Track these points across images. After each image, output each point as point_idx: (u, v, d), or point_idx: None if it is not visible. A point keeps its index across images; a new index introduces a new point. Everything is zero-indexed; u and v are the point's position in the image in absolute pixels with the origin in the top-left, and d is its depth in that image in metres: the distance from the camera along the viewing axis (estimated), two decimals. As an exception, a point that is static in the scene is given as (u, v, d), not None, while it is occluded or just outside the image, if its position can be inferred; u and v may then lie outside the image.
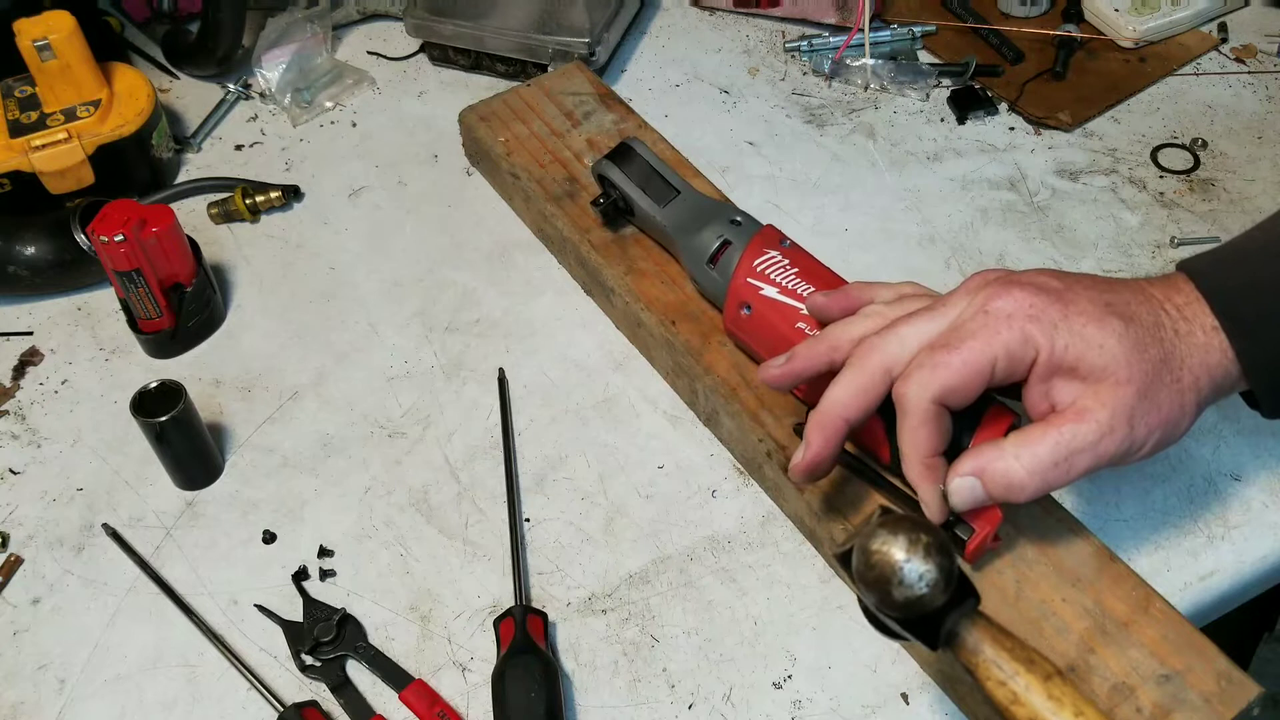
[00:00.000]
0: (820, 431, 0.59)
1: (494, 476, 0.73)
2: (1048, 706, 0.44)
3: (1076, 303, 0.56)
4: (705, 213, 0.76)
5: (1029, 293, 0.56)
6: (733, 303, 0.70)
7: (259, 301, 0.86)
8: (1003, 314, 0.55)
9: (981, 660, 0.46)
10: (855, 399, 0.58)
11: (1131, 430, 0.55)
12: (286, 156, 0.98)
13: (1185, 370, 0.56)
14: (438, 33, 1.02)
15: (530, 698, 0.59)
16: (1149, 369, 0.55)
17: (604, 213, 0.81)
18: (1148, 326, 0.56)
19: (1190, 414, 0.57)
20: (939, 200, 0.91)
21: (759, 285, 0.69)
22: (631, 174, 0.79)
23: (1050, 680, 0.45)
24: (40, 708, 0.64)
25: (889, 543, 0.45)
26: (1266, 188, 0.91)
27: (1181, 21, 1.03)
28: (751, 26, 1.09)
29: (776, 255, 0.70)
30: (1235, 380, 0.58)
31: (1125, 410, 0.54)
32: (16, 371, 0.81)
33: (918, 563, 0.44)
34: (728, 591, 0.67)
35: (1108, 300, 0.56)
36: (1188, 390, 0.56)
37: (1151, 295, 0.58)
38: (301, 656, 0.65)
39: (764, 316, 0.68)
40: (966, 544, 0.59)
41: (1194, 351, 0.56)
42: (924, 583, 0.44)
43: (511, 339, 0.82)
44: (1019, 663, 0.45)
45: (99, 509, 0.73)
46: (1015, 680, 0.45)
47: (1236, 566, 0.67)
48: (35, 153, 0.86)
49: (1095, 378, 0.55)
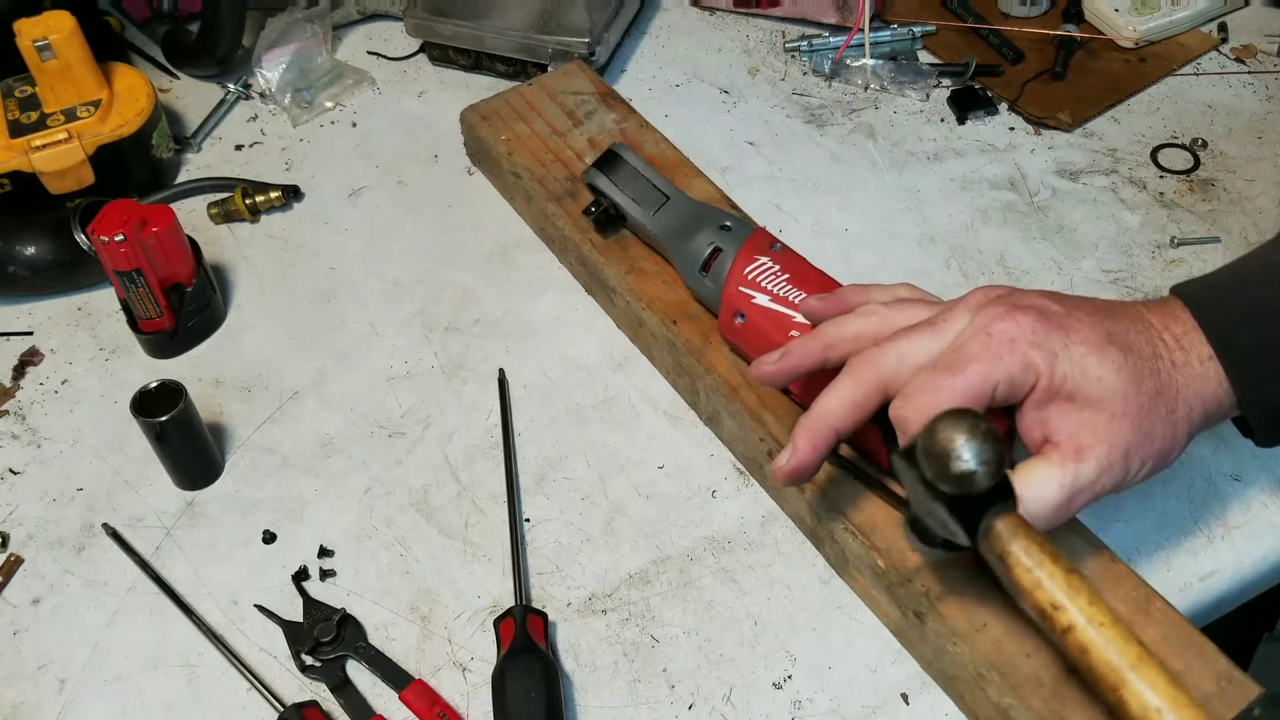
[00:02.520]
0: (808, 439, 0.59)
1: (494, 476, 0.73)
2: (1067, 594, 0.50)
3: (1078, 330, 0.56)
4: (695, 218, 0.75)
5: (1032, 318, 0.56)
6: (726, 311, 0.70)
7: (259, 301, 0.86)
8: (1006, 338, 0.55)
9: (1012, 550, 0.51)
10: (848, 411, 0.58)
11: (1127, 465, 0.56)
12: (286, 156, 0.98)
13: (1180, 401, 0.57)
14: (438, 33, 1.02)
15: (530, 698, 0.59)
16: (1145, 402, 0.55)
17: (596, 221, 0.80)
18: (1145, 358, 0.56)
19: (1181, 443, 0.58)
20: (939, 200, 0.91)
21: (751, 294, 0.69)
22: (620, 181, 0.79)
23: (1071, 574, 0.51)
24: (40, 708, 0.64)
25: (955, 425, 0.50)
26: (1266, 188, 0.91)
27: (1181, 21, 1.03)
28: (751, 26, 1.09)
29: (767, 261, 0.69)
30: (1228, 409, 0.58)
31: (1121, 446, 0.55)
32: (16, 371, 0.81)
33: (977, 443, 0.49)
34: (728, 591, 0.67)
35: (1108, 329, 0.56)
36: (1180, 421, 0.57)
37: (1150, 324, 0.58)
38: (301, 656, 0.65)
39: (758, 325, 0.68)
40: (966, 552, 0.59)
41: (1190, 382, 0.57)
42: (978, 461, 0.49)
43: (511, 339, 0.82)
44: (1045, 555, 0.51)
45: (99, 509, 0.73)
46: (1040, 569, 0.51)
47: (1236, 566, 0.67)
48: (35, 153, 0.86)
49: (1092, 408, 0.55)
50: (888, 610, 0.64)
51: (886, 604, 0.64)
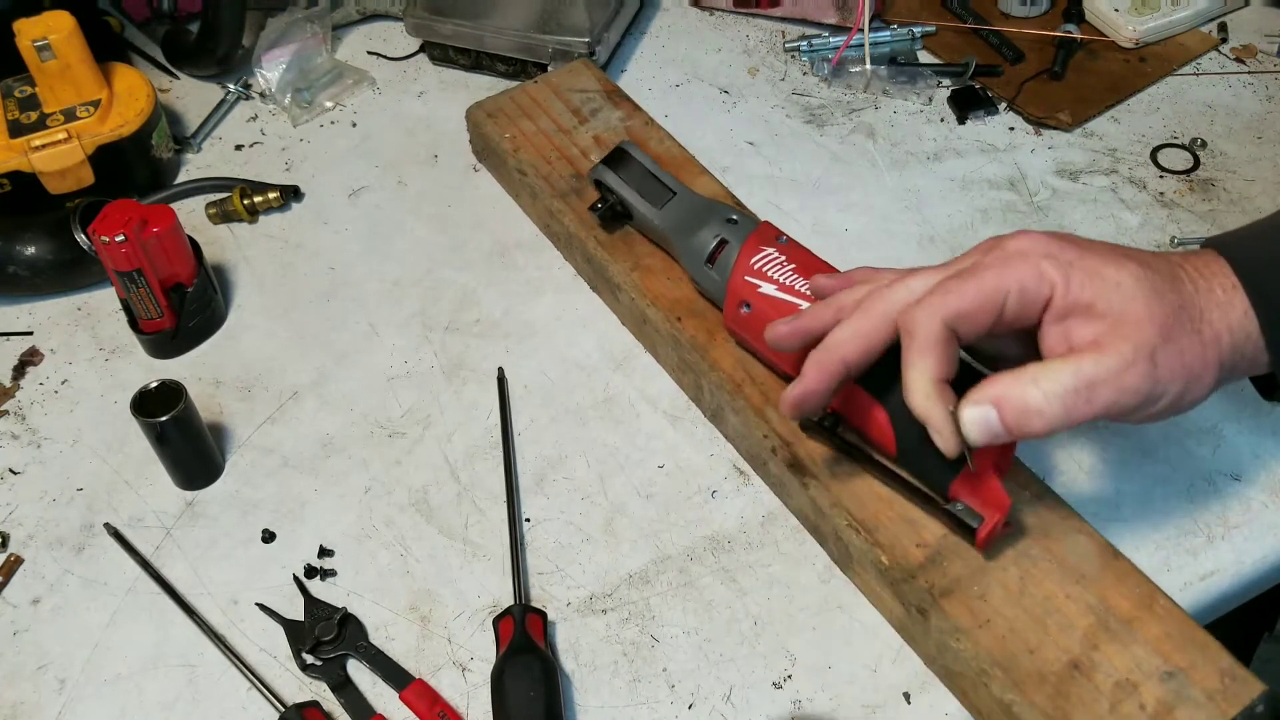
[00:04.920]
0: (817, 369, 0.58)
1: (494, 476, 0.73)
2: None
3: (1093, 248, 0.55)
4: (701, 213, 0.76)
5: (1045, 235, 0.56)
6: (732, 301, 0.70)
7: (259, 301, 0.86)
8: (1018, 251, 0.55)
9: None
10: (856, 340, 0.58)
11: (1154, 368, 0.53)
12: (286, 156, 0.98)
13: (1205, 323, 0.55)
14: (438, 32, 1.02)
15: (530, 697, 0.59)
16: (1168, 311, 0.54)
17: (602, 217, 0.81)
18: (1164, 275, 0.55)
19: (1212, 370, 0.55)
20: (939, 200, 0.91)
21: (757, 283, 0.69)
22: (627, 178, 0.79)
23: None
24: (40, 708, 0.64)
25: None
26: (1266, 188, 0.91)
27: (1181, 21, 1.03)
28: (751, 26, 1.09)
29: (773, 252, 0.70)
30: (1256, 349, 0.56)
31: (1147, 346, 0.53)
32: (16, 371, 0.81)
33: None
34: (728, 591, 0.67)
35: (1124, 250, 0.56)
36: (1209, 344, 0.55)
37: (1170, 255, 0.57)
38: (302, 655, 0.65)
39: (763, 314, 0.68)
40: (977, 533, 0.59)
41: (1214, 306, 0.55)
42: None
43: (511, 339, 0.82)
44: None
45: (99, 509, 0.73)
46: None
47: (1236, 566, 0.67)
48: (35, 153, 0.86)
49: (1114, 317, 0.53)
50: (890, 606, 0.64)
51: (889, 600, 0.63)
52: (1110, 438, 0.73)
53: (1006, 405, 0.53)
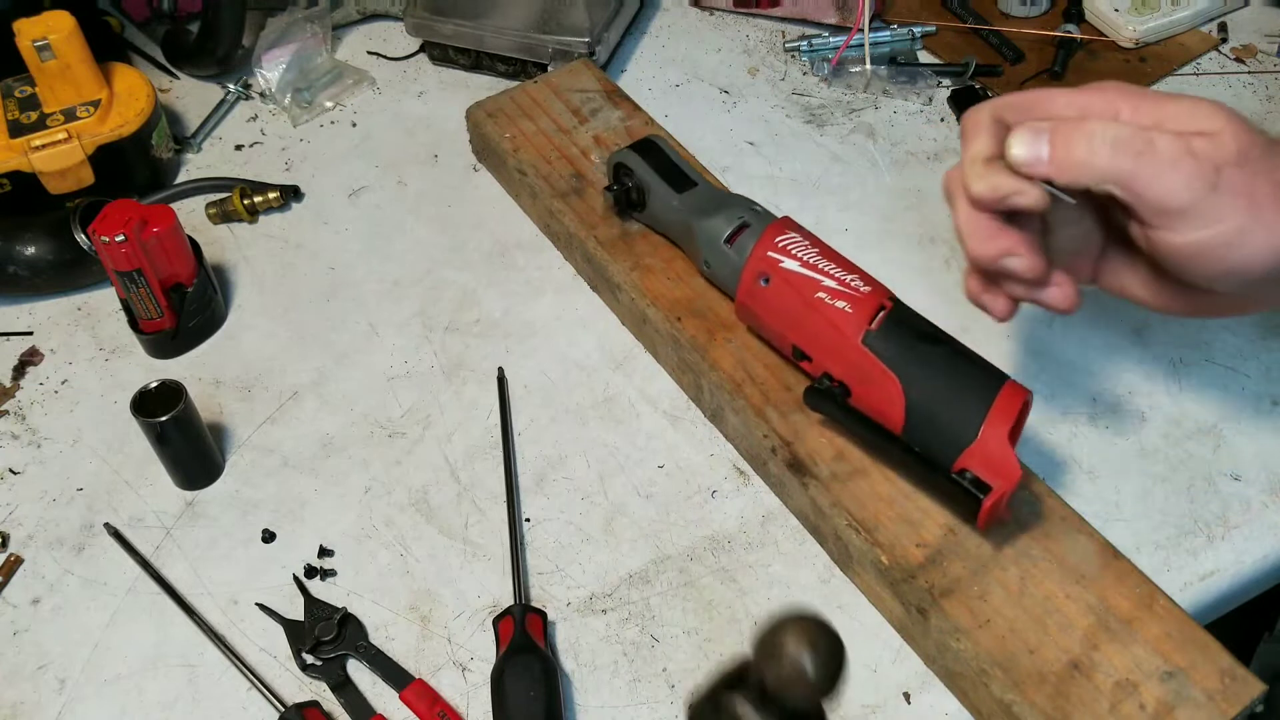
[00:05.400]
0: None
1: (494, 476, 0.73)
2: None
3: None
4: (723, 201, 0.76)
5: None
6: (750, 275, 0.69)
7: (259, 301, 0.86)
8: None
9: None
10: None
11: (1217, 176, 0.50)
12: (286, 156, 0.98)
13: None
14: (438, 32, 1.02)
15: (529, 697, 0.59)
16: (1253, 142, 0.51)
17: (616, 199, 0.81)
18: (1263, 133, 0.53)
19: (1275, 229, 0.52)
20: (939, 200, 0.90)
21: (780, 259, 0.68)
22: (652, 163, 0.79)
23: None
24: (40, 708, 0.64)
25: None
26: (1267, 187, 0.90)
27: (1181, 21, 1.03)
28: (751, 26, 1.09)
29: (797, 236, 0.70)
30: None
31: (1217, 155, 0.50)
32: (16, 371, 0.81)
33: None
34: (728, 591, 0.67)
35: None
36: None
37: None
38: (302, 655, 0.65)
39: (782, 287, 0.68)
40: (982, 503, 0.59)
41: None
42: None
43: (511, 339, 0.82)
44: None
45: (99, 509, 0.73)
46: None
47: (1236, 566, 0.67)
48: (35, 153, 0.86)
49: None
50: (891, 606, 0.64)
51: (890, 600, 0.63)
52: (1111, 438, 0.73)
53: (1061, 130, 0.52)
